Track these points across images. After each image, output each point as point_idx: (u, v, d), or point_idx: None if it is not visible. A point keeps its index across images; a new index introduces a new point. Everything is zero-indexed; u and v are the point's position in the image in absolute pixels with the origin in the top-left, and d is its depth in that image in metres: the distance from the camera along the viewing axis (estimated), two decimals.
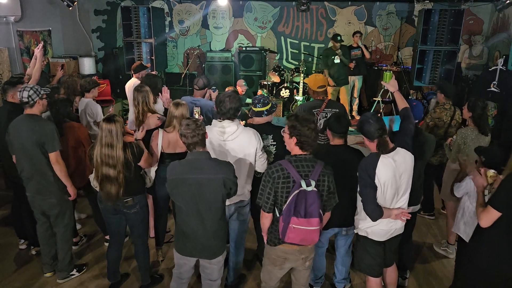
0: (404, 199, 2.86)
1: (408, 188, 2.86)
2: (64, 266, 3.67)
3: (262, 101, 3.42)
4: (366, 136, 2.78)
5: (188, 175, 2.64)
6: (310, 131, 2.51)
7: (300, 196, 2.46)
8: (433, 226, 4.79)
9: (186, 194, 2.67)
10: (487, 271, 2.62)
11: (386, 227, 2.88)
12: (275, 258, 2.77)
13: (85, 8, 8.20)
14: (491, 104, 6.21)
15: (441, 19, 6.95)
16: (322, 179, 2.56)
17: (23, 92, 3.27)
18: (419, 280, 3.81)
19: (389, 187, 2.74)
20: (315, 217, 2.46)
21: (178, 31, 9.44)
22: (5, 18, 7.73)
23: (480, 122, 3.82)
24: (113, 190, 3.05)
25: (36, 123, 3.31)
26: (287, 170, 2.51)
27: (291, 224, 2.48)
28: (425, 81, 7.33)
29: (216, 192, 2.65)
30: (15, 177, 3.78)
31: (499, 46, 7.73)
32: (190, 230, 2.75)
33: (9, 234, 4.37)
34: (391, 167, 2.71)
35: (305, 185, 2.46)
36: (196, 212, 2.68)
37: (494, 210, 2.49)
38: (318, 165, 2.57)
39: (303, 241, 2.54)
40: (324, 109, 3.95)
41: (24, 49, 8.08)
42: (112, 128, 2.97)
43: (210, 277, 2.93)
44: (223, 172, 2.64)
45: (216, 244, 2.79)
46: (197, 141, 2.63)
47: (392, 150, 2.75)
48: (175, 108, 3.57)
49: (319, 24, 9.10)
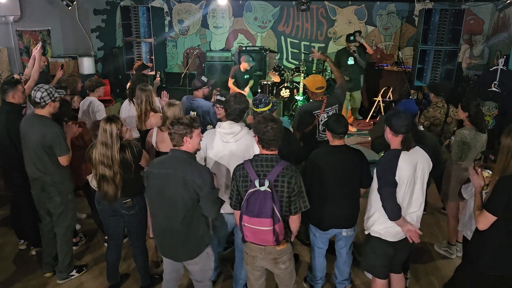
0: (419, 201, 2.81)
1: (424, 189, 2.83)
2: (63, 267, 3.66)
3: (263, 101, 3.41)
4: (392, 129, 2.74)
5: (156, 169, 2.68)
6: (272, 130, 2.51)
7: (254, 195, 2.48)
8: (434, 226, 4.78)
9: (152, 189, 2.71)
10: (487, 272, 2.60)
11: (399, 227, 2.82)
12: (246, 255, 2.81)
13: (85, 7, 8.18)
14: (491, 104, 6.21)
15: (442, 19, 6.95)
16: (281, 180, 2.52)
17: (37, 92, 3.24)
18: (419, 280, 3.80)
19: (407, 185, 2.72)
20: (266, 217, 2.44)
21: (177, 31, 9.42)
22: (4, 17, 7.72)
23: (477, 120, 3.83)
24: (111, 190, 3.04)
25: (44, 126, 3.28)
26: (246, 170, 2.56)
27: (243, 222, 2.54)
28: (426, 81, 7.32)
29: (176, 190, 2.60)
30: (15, 177, 3.77)
31: (500, 46, 7.72)
32: (158, 228, 2.77)
33: (9, 234, 4.36)
34: (412, 165, 2.71)
35: (258, 184, 2.47)
36: (159, 209, 2.71)
37: (490, 214, 2.48)
38: (279, 165, 2.54)
39: (260, 240, 2.56)
40: (324, 110, 3.93)
41: (23, 49, 8.07)
42: (107, 128, 2.96)
43: (195, 278, 2.96)
44: (185, 172, 2.57)
45: (182, 247, 2.74)
46: (172, 137, 2.65)
47: (413, 147, 2.77)
48: (167, 108, 3.59)
49: (319, 23, 9.08)
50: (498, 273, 2.57)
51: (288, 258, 2.75)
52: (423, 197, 2.85)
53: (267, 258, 2.71)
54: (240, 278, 3.35)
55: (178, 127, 2.61)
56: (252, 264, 2.79)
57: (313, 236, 3.39)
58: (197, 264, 2.83)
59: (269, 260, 2.71)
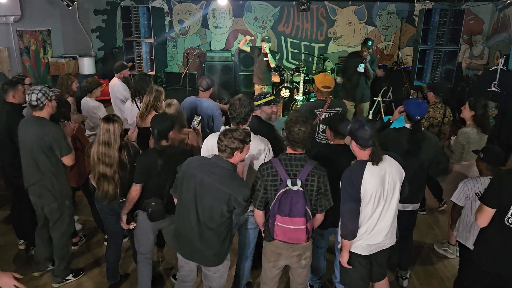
0: (390, 216, 2.65)
1: (394, 200, 2.63)
2: (59, 271, 3.62)
3: (262, 97, 3.43)
4: (359, 143, 2.56)
5: (198, 172, 2.59)
6: (301, 132, 2.52)
7: (285, 194, 2.48)
8: (434, 226, 4.78)
9: (189, 191, 2.62)
10: (486, 271, 2.62)
11: (370, 242, 2.67)
12: (270, 253, 2.79)
13: (85, 8, 8.19)
14: (491, 104, 6.21)
15: (442, 19, 6.95)
16: (311, 179, 2.54)
17: (32, 95, 3.17)
18: (419, 280, 3.80)
19: (373, 199, 2.55)
20: (299, 217, 2.47)
21: (178, 31, 9.43)
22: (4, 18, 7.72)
23: (483, 121, 3.82)
24: (111, 189, 3.06)
25: (44, 127, 3.23)
26: (275, 168, 2.55)
27: (276, 222, 2.52)
28: (426, 81, 7.33)
29: (216, 201, 2.55)
30: (15, 177, 3.77)
31: (500, 46, 7.72)
32: (184, 230, 2.73)
33: (9, 234, 4.36)
34: (379, 177, 2.54)
35: (290, 184, 2.47)
36: (192, 213, 2.64)
37: (486, 207, 2.51)
38: (308, 164, 2.55)
39: (290, 239, 2.58)
40: (327, 109, 3.94)
41: (23, 49, 8.08)
42: (110, 127, 2.98)
43: (210, 284, 2.89)
44: (231, 189, 2.51)
45: (209, 253, 2.70)
46: (221, 149, 2.55)
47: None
48: (168, 108, 3.58)
49: (319, 24, 9.09)
50: (491, 270, 2.58)
51: (309, 254, 2.81)
52: (395, 210, 2.66)
53: (292, 255, 2.73)
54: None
55: (232, 142, 2.50)
56: (275, 262, 2.80)
57: (313, 235, 3.39)
58: (218, 270, 2.81)
59: (293, 257, 2.74)
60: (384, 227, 2.65)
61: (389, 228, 2.68)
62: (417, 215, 3.70)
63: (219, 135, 2.58)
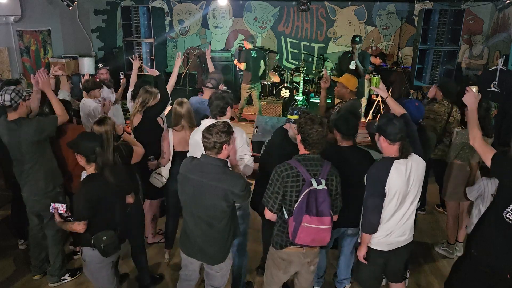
0: (411, 208, 2.72)
1: (417, 197, 2.72)
2: (54, 270, 3.61)
3: (295, 113, 3.25)
4: (388, 138, 2.59)
5: (192, 174, 2.62)
6: (316, 133, 2.49)
7: (310, 195, 2.44)
8: (433, 226, 4.79)
9: (187, 193, 2.66)
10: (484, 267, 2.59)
11: (391, 238, 2.74)
12: (280, 261, 2.73)
13: (85, 8, 8.20)
14: (491, 104, 6.20)
15: (441, 19, 6.95)
16: (331, 179, 2.54)
17: (5, 96, 3.11)
18: (419, 280, 3.81)
19: (397, 195, 2.61)
20: (326, 216, 2.44)
21: (178, 31, 9.44)
22: (5, 18, 7.74)
23: (484, 123, 3.79)
24: None
25: (30, 123, 3.22)
26: (296, 169, 2.49)
27: (304, 223, 2.42)
28: (425, 81, 7.33)
29: (215, 200, 2.57)
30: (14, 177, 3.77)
31: (499, 46, 7.73)
32: (189, 230, 2.74)
33: (9, 234, 4.37)
34: (404, 174, 2.59)
35: (315, 183, 2.44)
36: (194, 213, 2.67)
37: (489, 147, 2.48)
38: (326, 164, 2.56)
39: (314, 241, 2.50)
40: None
41: (24, 49, 8.08)
42: (101, 130, 2.94)
43: (212, 283, 2.89)
44: (226, 184, 2.53)
45: (213, 251, 2.71)
46: (209, 146, 2.55)
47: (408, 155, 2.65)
48: (180, 107, 3.58)
49: (319, 24, 9.10)
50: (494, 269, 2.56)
51: (318, 260, 2.80)
52: (415, 207, 2.74)
53: (304, 262, 2.70)
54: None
55: (220, 136, 2.51)
56: (286, 269, 2.75)
57: None
58: (221, 269, 2.81)
59: (304, 263, 2.71)
60: (405, 223, 2.72)
61: (410, 225, 2.76)
62: (417, 215, 3.70)
63: (203, 133, 2.56)
